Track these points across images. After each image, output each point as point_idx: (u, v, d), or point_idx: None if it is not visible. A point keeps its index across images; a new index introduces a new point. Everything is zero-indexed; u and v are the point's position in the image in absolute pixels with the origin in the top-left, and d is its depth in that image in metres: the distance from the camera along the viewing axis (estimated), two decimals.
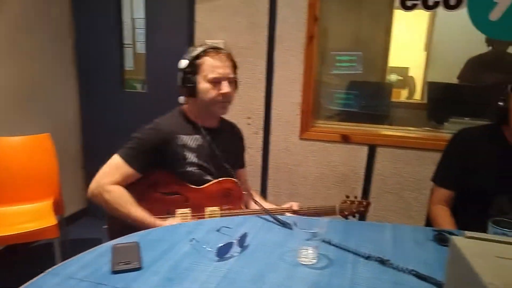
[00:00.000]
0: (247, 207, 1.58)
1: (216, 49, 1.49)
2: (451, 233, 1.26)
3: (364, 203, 1.63)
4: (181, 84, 1.49)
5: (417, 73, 4.31)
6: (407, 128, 2.59)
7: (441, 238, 1.22)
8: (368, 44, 3.34)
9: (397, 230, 1.31)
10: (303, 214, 1.55)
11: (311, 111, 2.53)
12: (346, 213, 1.61)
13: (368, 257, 1.11)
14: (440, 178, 1.60)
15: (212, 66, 1.45)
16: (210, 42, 2.54)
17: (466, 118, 2.44)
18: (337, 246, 1.16)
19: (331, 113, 2.88)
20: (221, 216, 1.47)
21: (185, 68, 1.47)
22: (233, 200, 1.54)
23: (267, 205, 1.58)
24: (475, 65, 2.91)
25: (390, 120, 3.01)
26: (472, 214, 1.46)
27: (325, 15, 2.52)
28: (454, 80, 3.03)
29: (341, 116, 2.88)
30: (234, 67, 1.54)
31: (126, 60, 2.90)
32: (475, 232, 0.69)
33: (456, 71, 3.17)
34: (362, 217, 2.32)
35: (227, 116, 1.72)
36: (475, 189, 1.48)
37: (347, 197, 1.64)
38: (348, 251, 1.14)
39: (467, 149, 1.51)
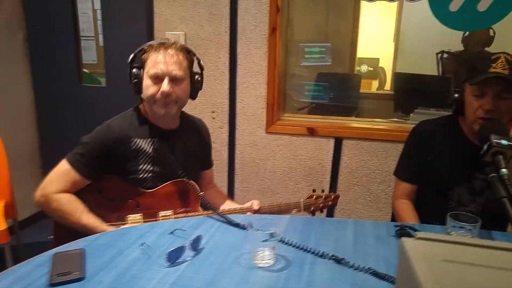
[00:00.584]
0: (205, 209, 1.50)
1: (165, 44, 1.36)
2: (412, 228, 1.25)
3: (332, 196, 1.57)
4: (129, 80, 1.40)
5: (387, 64, 4.33)
6: (373, 119, 2.58)
7: (403, 234, 1.20)
8: (336, 35, 3.32)
9: (358, 226, 1.28)
10: (266, 212, 1.49)
11: (277, 104, 2.47)
12: (313, 208, 1.55)
13: (321, 256, 1.07)
14: (401, 172, 1.59)
15: (154, 62, 1.34)
16: (170, 33, 2.45)
17: (432, 109, 2.45)
18: (293, 246, 1.12)
19: (299, 105, 2.84)
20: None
21: (131, 63, 1.39)
22: (188, 202, 1.46)
23: (229, 205, 1.51)
24: (450, 63, 2.94)
25: (359, 112, 3.00)
26: (433, 206, 1.45)
27: (290, 6, 2.47)
28: (421, 71, 3.05)
29: (309, 109, 2.84)
30: (189, 64, 1.42)
31: (88, 53, 2.77)
32: (426, 233, 0.65)
33: (423, 62, 3.19)
34: (330, 209, 2.28)
35: (192, 112, 1.64)
36: (434, 181, 1.47)
37: (314, 191, 1.58)
38: (305, 250, 1.09)
39: (425, 142, 1.49)
